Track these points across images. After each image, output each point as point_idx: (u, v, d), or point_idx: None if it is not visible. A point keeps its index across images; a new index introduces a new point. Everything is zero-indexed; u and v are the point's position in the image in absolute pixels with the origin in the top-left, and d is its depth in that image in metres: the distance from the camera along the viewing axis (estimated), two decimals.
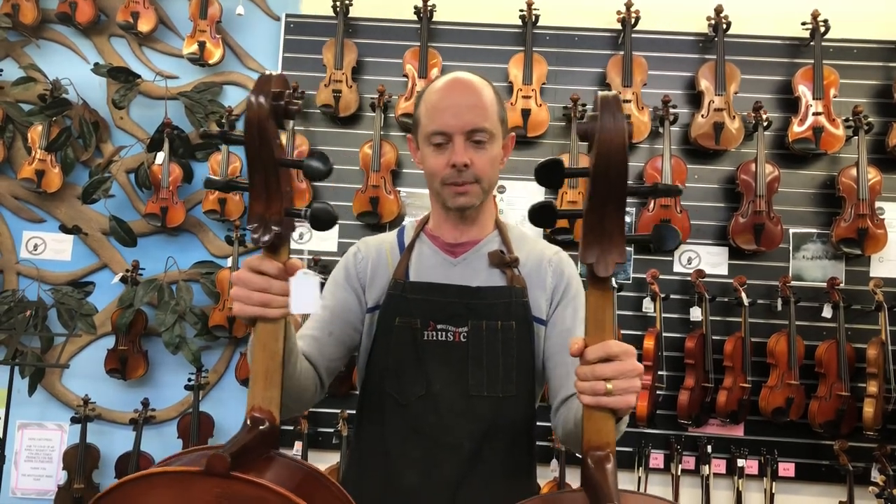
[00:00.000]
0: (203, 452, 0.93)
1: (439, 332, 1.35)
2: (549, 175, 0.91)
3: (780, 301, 3.12)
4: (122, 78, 3.38)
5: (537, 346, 1.38)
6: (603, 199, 0.88)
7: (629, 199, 3.04)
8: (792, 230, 3.23)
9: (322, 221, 1.00)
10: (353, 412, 1.48)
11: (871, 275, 3.18)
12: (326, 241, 3.33)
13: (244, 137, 1.00)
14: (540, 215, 0.94)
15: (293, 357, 1.21)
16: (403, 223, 1.57)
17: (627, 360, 0.95)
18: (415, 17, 3.33)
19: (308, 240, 3.33)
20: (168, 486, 0.88)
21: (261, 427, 1.00)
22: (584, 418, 0.96)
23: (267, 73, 1.01)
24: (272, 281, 1.03)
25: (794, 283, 3.15)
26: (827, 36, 3.19)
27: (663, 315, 3.12)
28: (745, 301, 3.04)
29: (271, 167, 1.00)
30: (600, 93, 0.88)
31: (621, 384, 0.94)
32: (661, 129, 3.17)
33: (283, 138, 3.26)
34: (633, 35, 3.26)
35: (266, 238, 1.01)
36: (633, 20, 3.25)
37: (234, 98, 3.50)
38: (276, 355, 1.04)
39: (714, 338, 3.10)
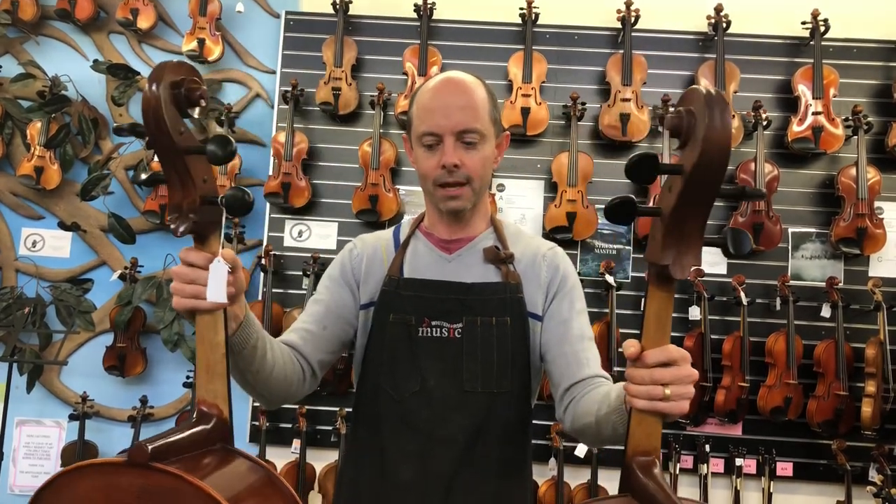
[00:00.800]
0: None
1: (434, 329, 1.36)
2: (641, 170, 0.83)
3: (778, 300, 3.12)
4: (121, 75, 3.37)
5: (533, 341, 1.39)
6: (692, 200, 0.84)
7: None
8: (791, 229, 3.23)
9: (235, 208, 1.01)
10: (351, 410, 1.49)
11: (870, 274, 3.18)
12: (326, 238, 3.33)
13: (144, 128, 0.99)
14: (619, 211, 0.87)
15: (259, 351, 1.22)
16: (401, 222, 1.58)
17: (685, 366, 0.94)
18: (415, 15, 3.32)
19: (307, 237, 3.33)
20: (99, 478, 0.90)
21: (204, 421, 1.00)
22: (632, 422, 0.94)
23: (166, 60, 1.01)
24: (199, 272, 1.04)
25: (792, 282, 3.15)
26: (827, 35, 3.19)
27: None
28: (744, 300, 3.04)
29: (176, 156, 1.00)
30: (705, 88, 0.82)
31: (678, 390, 0.93)
32: (660, 128, 3.17)
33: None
34: (633, 34, 3.26)
35: (183, 227, 1.01)
36: (632, 19, 3.25)
37: (233, 95, 3.49)
38: (217, 347, 1.04)
39: (712, 337, 3.10)
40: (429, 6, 3.31)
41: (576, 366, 1.34)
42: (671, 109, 0.84)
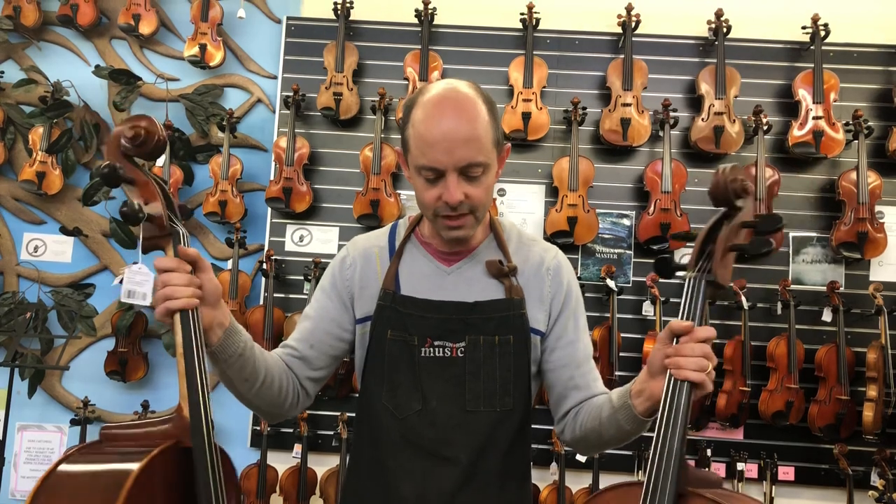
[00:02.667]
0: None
1: (436, 349, 1.33)
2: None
3: (779, 305, 3.12)
4: (123, 80, 3.38)
5: (533, 356, 1.38)
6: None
7: (630, 203, 3.07)
8: (792, 234, 3.23)
9: (129, 222, 1.25)
10: (353, 415, 1.49)
11: (871, 279, 3.18)
12: (327, 243, 3.33)
13: None
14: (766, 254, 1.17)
15: (248, 361, 1.26)
16: (397, 221, 1.52)
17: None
18: (416, 20, 3.33)
19: (309, 242, 3.33)
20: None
21: (163, 417, 1.15)
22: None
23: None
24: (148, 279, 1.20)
25: (793, 286, 3.15)
26: (827, 40, 3.19)
27: (663, 318, 3.11)
28: (745, 304, 3.04)
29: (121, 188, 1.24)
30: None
31: (711, 370, 1.12)
32: (661, 133, 3.17)
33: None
34: (634, 38, 3.26)
35: (139, 246, 1.29)
36: (633, 24, 3.25)
37: (234, 100, 3.50)
38: (175, 347, 1.17)
39: (714, 341, 3.09)
40: (430, 11, 3.31)
41: (584, 389, 1.38)
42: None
